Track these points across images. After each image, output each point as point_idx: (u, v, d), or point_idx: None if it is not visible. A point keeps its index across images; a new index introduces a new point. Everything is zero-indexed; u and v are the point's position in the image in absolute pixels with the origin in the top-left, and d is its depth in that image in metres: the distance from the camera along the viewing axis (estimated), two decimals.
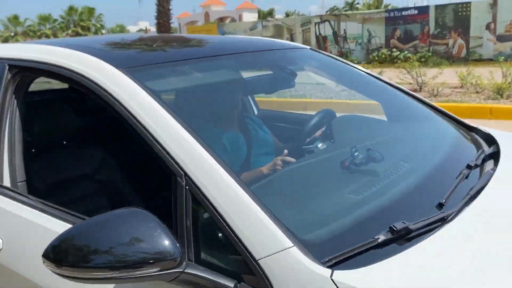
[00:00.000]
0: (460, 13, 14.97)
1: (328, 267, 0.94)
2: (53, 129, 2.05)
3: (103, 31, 47.07)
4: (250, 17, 41.13)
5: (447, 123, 1.95)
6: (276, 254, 0.94)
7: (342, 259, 0.97)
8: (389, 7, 28.41)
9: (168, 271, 0.94)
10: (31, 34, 43.47)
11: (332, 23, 18.43)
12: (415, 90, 8.58)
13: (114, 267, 0.94)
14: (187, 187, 1.05)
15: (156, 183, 1.13)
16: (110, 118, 1.26)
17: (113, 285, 1.12)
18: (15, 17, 44.09)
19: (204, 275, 0.97)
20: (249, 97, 2.61)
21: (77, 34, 42.13)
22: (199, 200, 1.03)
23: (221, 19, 43.53)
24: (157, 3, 12.91)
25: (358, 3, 49.77)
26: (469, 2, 14.59)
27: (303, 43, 19.24)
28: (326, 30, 18.65)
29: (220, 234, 1.01)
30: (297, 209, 1.25)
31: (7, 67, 1.62)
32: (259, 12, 48.56)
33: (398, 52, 15.59)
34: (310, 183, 1.45)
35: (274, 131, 2.13)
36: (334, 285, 0.88)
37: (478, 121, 5.60)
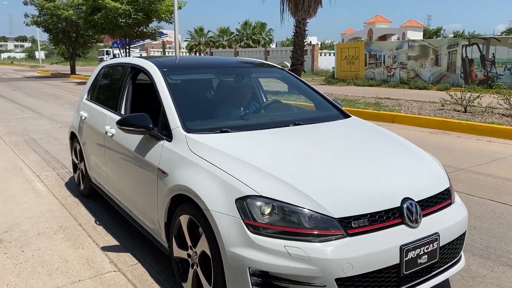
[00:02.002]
0: None
1: (187, 132, 2.76)
2: (141, 97, 4.10)
3: (271, 45, 51.71)
4: (415, 35, 40.35)
5: (333, 111, 3.50)
6: (175, 129, 2.79)
7: (196, 133, 2.75)
8: None
9: (147, 131, 2.92)
10: (211, 44, 49.94)
11: (481, 46, 18.03)
12: (509, 115, 8.95)
13: (135, 126, 2.92)
14: (162, 110, 2.95)
15: (159, 110, 3.03)
16: (154, 91, 3.27)
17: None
18: (200, 29, 51.13)
19: (157, 133, 2.93)
20: (262, 93, 4.43)
21: (248, 46, 47.19)
22: (164, 113, 2.91)
23: (384, 37, 43.92)
24: (294, 25, 14.98)
25: None
26: None
27: (448, 65, 19.02)
28: (474, 53, 18.35)
29: (165, 124, 2.86)
30: (197, 113, 3.10)
31: (129, 66, 3.77)
32: (425, 30, 47.19)
33: None
34: (218, 110, 3.41)
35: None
36: (185, 138, 2.71)
37: None
